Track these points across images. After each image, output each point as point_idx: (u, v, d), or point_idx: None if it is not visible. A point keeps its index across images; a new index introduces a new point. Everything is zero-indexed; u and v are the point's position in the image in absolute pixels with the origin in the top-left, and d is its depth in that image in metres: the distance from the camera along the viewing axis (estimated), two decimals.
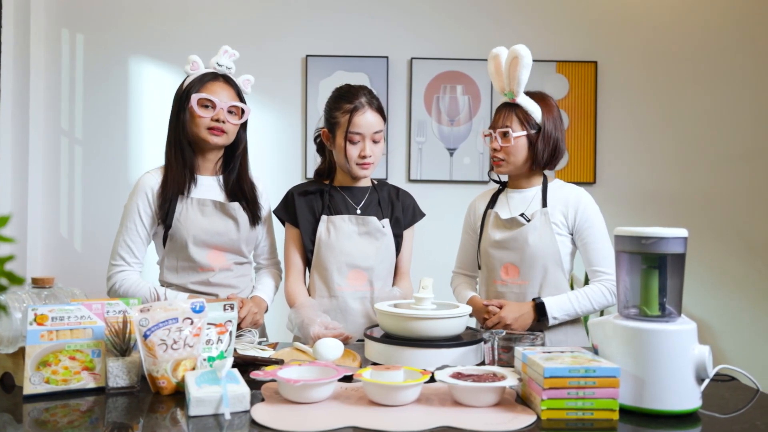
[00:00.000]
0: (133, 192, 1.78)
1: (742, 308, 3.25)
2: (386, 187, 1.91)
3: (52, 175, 3.15)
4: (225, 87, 1.76)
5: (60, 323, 1.21)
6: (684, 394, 1.10)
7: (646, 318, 1.17)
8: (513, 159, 1.79)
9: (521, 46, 1.70)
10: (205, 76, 1.76)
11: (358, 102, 1.75)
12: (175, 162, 1.75)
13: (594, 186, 3.22)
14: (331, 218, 1.80)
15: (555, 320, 1.74)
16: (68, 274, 3.08)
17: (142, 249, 1.78)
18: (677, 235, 1.15)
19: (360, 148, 1.76)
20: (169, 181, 1.74)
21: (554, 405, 1.08)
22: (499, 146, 1.78)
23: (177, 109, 1.76)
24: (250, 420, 1.06)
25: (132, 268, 1.76)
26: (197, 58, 1.79)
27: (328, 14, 3.21)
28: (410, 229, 1.91)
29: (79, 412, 1.13)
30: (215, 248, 1.77)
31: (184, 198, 1.75)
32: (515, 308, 1.73)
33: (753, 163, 3.27)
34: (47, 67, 3.13)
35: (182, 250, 1.75)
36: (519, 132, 1.77)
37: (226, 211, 1.78)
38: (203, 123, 1.73)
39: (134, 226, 1.75)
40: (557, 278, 1.78)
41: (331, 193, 1.84)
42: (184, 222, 1.73)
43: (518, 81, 1.73)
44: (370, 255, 1.79)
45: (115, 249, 1.77)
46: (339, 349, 1.39)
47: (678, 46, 3.27)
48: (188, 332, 1.21)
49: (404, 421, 1.05)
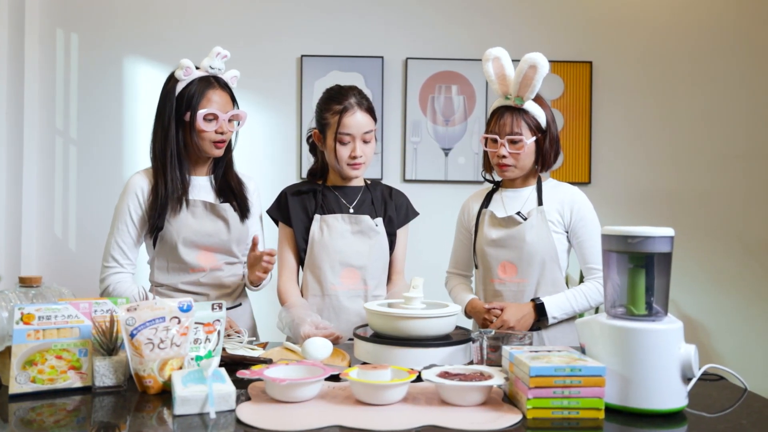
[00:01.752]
0: (123, 193, 1.77)
1: (736, 308, 3.25)
2: (379, 187, 1.92)
3: (47, 174, 3.15)
4: (222, 93, 1.75)
5: (47, 322, 1.21)
6: (670, 393, 1.10)
7: (633, 317, 1.16)
8: (522, 164, 1.80)
9: (538, 55, 1.70)
10: (202, 85, 1.71)
11: (347, 103, 1.75)
12: (170, 174, 1.72)
13: (589, 186, 3.22)
14: (324, 217, 1.80)
15: (555, 320, 1.76)
16: (62, 274, 3.08)
17: (134, 250, 1.77)
18: (663, 234, 1.15)
19: (350, 148, 1.76)
20: (159, 189, 1.72)
21: (540, 404, 1.07)
22: (507, 153, 1.78)
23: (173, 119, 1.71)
24: (236, 419, 1.06)
25: (125, 269, 1.76)
26: (190, 64, 1.71)
27: (323, 14, 3.21)
28: (404, 228, 1.91)
29: (65, 412, 1.12)
30: (205, 249, 1.77)
31: (180, 204, 1.74)
32: (517, 310, 1.73)
33: (748, 163, 3.27)
34: (42, 66, 3.13)
35: (172, 251, 1.75)
36: (530, 138, 1.77)
37: (217, 212, 1.78)
38: (208, 137, 1.72)
39: (125, 228, 1.75)
40: (554, 276, 1.79)
41: (324, 193, 1.84)
42: (174, 224, 1.73)
43: (533, 89, 1.74)
44: (363, 254, 1.79)
45: (107, 251, 1.76)
46: (328, 349, 1.39)
47: (673, 46, 3.27)
48: (175, 331, 1.21)
49: (390, 421, 1.05)
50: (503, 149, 1.78)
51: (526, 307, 1.74)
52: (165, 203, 1.72)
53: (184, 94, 1.72)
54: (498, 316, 1.73)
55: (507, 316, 1.72)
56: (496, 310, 1.74)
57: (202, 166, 1.82)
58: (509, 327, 1.69)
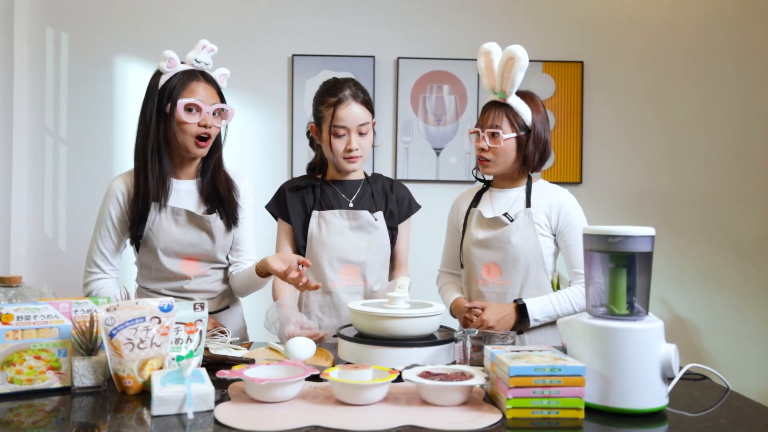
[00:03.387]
0: (105, 197, 1.73)
1: (728, 307, 3.25)
2: (380, 180, 1.89)
3: (37, 174, 3.13)
4: (207, 86, 1.68)
5: (26, 322, 1.20)
6: (650, 392, 1.10)
7: (614, 317, 1.16)
8: (501, 160, 1.77)
9: (518, 47, 1.68)
10: (185, 76, 1.65)
11: (342, 95, 1.73)
12: (150, 172, 1.66)
13: (580, 186, 3.22)
14: (322, 213, 1.78)
15: (536, 322, 1.73)
16: (52, 274, 3.07)
17: (117, 256, 1.75)
18: (644, 233, 1.15)
19: (346, 141, 1.74)
20: (141, 191, 1.67)
21: (520, 404, 1.07)
22: (487, 146, 1.75)
23: (154, 113, 1.65)
24: (214, 419, 1.05)
25: (108, 275, 1.74)
26: (174, 55, 1.66)
27: (315, 14, 3.20)
28: (407, 222, 1.89)
29: (43, 412, 1.12)
30: (188, 258, 1.73)
31: (158, 206, 1.68)
32: (497, 310, 1.72)
33: (739, 163, 3.27)
34: (31, 65, 3.12)
35: (154, 259, 1.71)
36: (509, 134, 1.74)
37: (201, 223, 1.72)
38: (190, 130, 1.64)
39: (107, 233, 1.72)
40: (539, 279, 1.76)
41: (323, 188, 1.82)
42: (156, 231, 1.69)
43: (512, 82, 1.70)
44: (362, 249, 1.77)
45: (90, 256, 1.74)
46: (311, 349, 1.38)
47: (664, 46, 3.27)
48: (155, 331, 1.20)
49: (369, 421, 1.05)
50: (483, 142, 1.76)
51: (508, 308, 1.72)
52: (145, 204, 1.67)
53: (166, 86, 1.64)
54: (478, 315, 1.71)
55: (487, 315, 1.69)
56: (477, 309, 1.72)
57: (187, 169, 1.75)
58: (489, 327, 1.67)
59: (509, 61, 1.69)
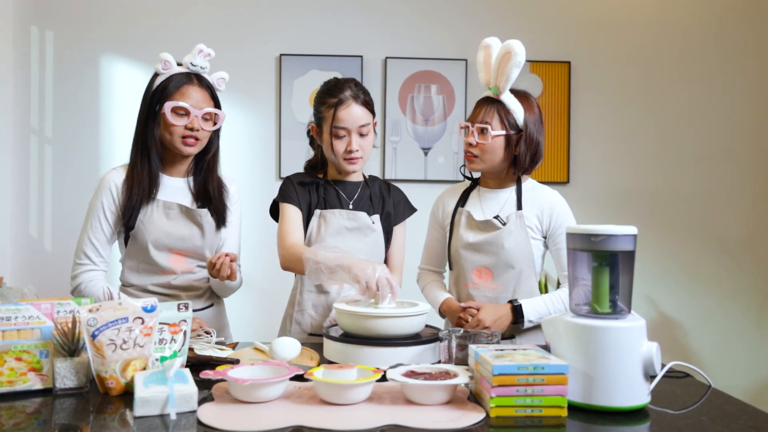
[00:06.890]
0: (98, 189, 1.75)
1: (714, 306, 3.28)
2: (378, 182, 1.89)
3: (22, 174, 3.11)
4: (199, 90, 1.71)
5: (7, 323, 1.19)
6: (632, 390, 1.11)
7: (596, 315, 1.17)
8: (488, 158, 1.74)
9: (516, 42, 1.64)
10: (178, 78, 1.69)
11: (342, 96, 1.72)
12: (140, 166, 1.71)
13: (567, 186, 3.24)
14: (323, 213, 1.78)
15: (531, 323, 1.71)
16: (38, 274, 3.05)
17: (107, 247, 1.75)
18: (627, 232, 1.16)
19: (346, 142, 1.73)
20: (134, 184, 1.70)
21: (503, 402, 1.08)
22: (475, 142, 1.73)
23: (147, 112, 1.71)
24: (196, 420, 1.05)
25: (98, 267, 1.74)
26: (170, 57, 1.70)
27: (303, 13, 3.20)
28: (402, 225, 1.89)
29: (25, 414, 1.11)
30: (177, 252, 1.74)
31: (150, 200, 1.71)
32: (493, 310, 1.69)
33: (725, 163, 3.31)
34: (16, 65, 3.09)
35: (143, 252, 1.72)
36: (498, 131, 1.72)
37: (192, 217, 1.75)
38: (177, 131, 1.68)
39: (99, 224, 1.72)
40: (530, 282, 1.75)
41: (325, 188, 1.82)
42: (147, 224, 1.71)
43: (507, 78, 1.68)
44: (359, 251, 1.75)
45: (80, 247, 1.74)
46: (296, 349, 1.38)
47: (651, 46, 3.30)
48: (138, 332, 1.20)
49: (352, 420, 1.05)
50: (472, 137, 1.74)
51: (503, 308, 1.70)
52: (137, 198, 1.70)
53: (159, 88, 1.70)
54: (474, 316, 1.69)
55: (483, 315, 1.67)
56: (472, 310, 1.70)
57: (179, 166, 1.78)
58: (485, 327, 1.65)
59: (506, 55, 1.66)
